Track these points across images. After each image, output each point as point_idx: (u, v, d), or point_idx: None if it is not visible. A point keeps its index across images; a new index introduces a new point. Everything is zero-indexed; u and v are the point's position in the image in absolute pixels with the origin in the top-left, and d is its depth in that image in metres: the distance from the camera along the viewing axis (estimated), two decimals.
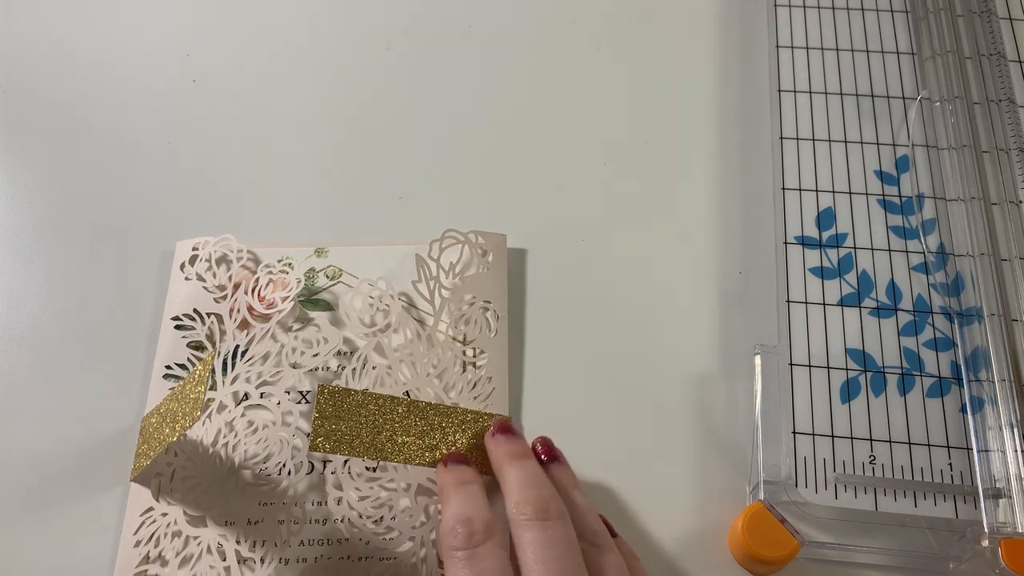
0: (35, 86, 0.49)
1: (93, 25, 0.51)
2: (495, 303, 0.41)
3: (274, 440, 0.38)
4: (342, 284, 0.42)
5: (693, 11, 0.51)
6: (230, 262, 0.42)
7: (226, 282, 0.41)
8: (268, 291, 0.41)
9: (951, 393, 0.38)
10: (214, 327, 0.40)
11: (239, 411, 0.38)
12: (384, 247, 0.43)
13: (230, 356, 0.40)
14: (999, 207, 0.41)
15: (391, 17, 0.51)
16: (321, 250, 0.42)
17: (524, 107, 0.48)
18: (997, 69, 0.45)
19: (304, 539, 0.36)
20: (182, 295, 0.41)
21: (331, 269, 0.42)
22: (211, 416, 0.38)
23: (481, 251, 0.42)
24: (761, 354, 0.39)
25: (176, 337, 0.40)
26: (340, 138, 0.47)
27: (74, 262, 0.44)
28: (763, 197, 0.44)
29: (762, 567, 0.35)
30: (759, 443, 0.37)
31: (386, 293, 0.41)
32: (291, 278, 0.41)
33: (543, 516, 0.31)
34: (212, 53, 0.50)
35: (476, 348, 0.40)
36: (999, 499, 0.35)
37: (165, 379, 0.39)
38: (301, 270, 0.42)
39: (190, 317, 0.41)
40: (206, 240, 0.43)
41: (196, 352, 0.40)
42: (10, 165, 0.47)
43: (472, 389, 0.39)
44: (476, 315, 0.41)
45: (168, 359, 0.40)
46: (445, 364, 0.39)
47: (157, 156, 0.47)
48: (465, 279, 0.41)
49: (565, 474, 0.34)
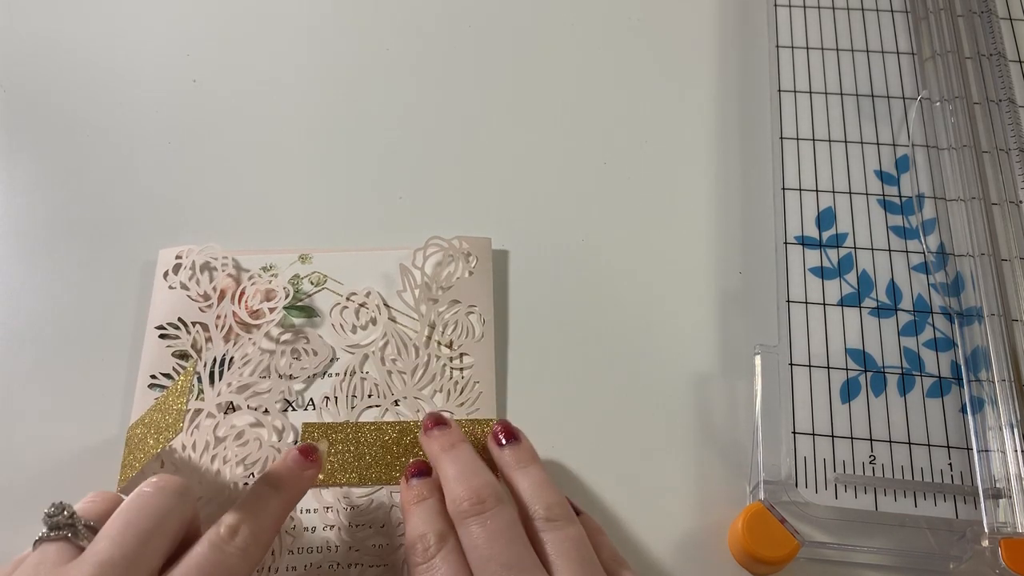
0: (35, 86, 0.49)
1: (93, 25, 0.51)
2: (480, 307, 0.41)
3: (264, 450, 0.37)
4: (327, 290, 0.42)
5: (693, 11, 0.51)
6: (214, 270, 0.42)
7: (210, 291, 0.41)
8: (254, 300, 0.41)
9: (951, 393, 0.38)
10: (199, 336, 0.40)
11: (226, 421, 0.38)
12: (369, 253, 0.42)
13: (216, 366, 0.39)
14: (999, 207, 0.41)
15: (390, 18, 0.51)
16: (305, 256, 0.42)
17: (523, 107, 0.48)
18: (997, 69, 0.45)
19: (295, 548, 0.36)
20: (166, 304, 0.41)
21: (315, 275, 0.42)
22: (198, 426, 0.38)
23: (466, 255, 0.42)
24: (761, 354, 0.39)
25: (160, 346, 0.40)
26: (328, 141, 0.47)
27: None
28: (763, 197, 0.44)
29: (762, 567, 0.35)
30: (759, 443, 0.37)
31: (371, 303, 0.41)
32: (277, 286, 0.41)
33: (480, 509, 0.31)
34: (212, 53, 0.50)
35: (462, 353, 0.40)
36: (999, 499, 0.35)
37: (150, 388, 0.39)
38: (286, 277, 0.42)
39: (174, 326, 0.40)
40: (189, 248, 0.42)
41: (181, 361, 0.40)
42: (10, 165, 0.47)
43: (460, 395, 0.39)
44: (461, 320, 0.41)
45: (153, 368, 0.40)
46: (433, 371, 0.39)
47: (147, 159, 0.46)
48: (450, 284, 0.41)
49: (518, 452, 0.35)
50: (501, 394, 0.39)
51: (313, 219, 0.44)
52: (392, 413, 0.39)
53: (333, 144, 0.47)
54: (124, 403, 0.39)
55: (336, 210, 0.45)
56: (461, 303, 0.41)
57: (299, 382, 0.39)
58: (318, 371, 0.40)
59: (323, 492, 0.37)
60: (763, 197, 0.44)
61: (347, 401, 0.39)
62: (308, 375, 0.39)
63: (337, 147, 0.47)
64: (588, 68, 0.49)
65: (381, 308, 0.41)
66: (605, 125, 0.47)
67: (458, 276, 0.42)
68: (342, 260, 0.42)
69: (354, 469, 0.37)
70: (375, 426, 0.38)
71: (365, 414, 0.39)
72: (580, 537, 0.32)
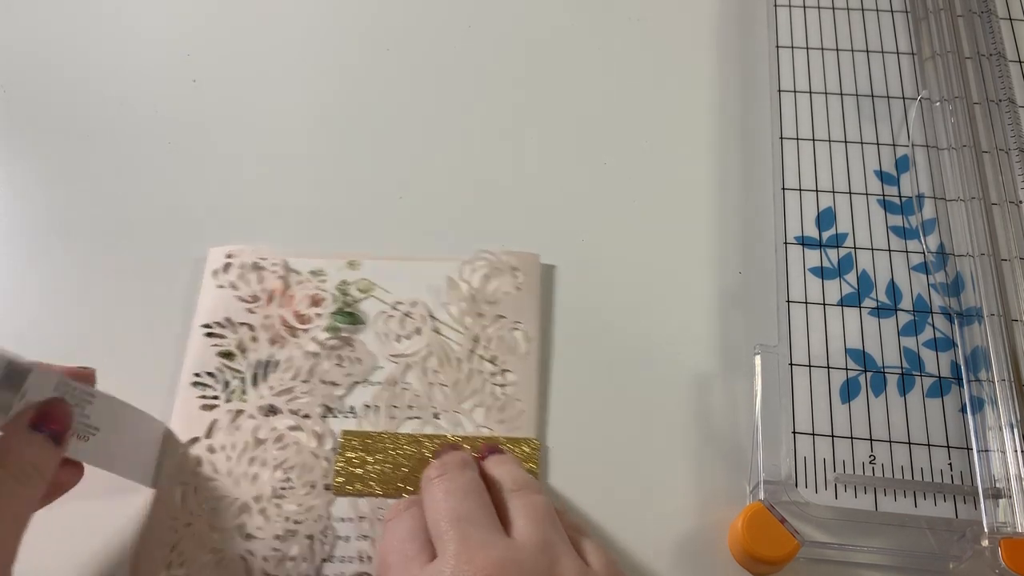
0: (37, 87, 0.49)
1: (96, 25, 0.51)
2: (526, 324, 0.40)
3: (302, 455, 0.37)
4: (373, 299, 0.41)
5: (693, 11, 0.51)
6: (264, 271, 0.41)
7: (259, 291, 0.41)
8: (301, 303, 0.41)
9: (951, 393, 0.38)
10: (245, 336, 0.40)
11: (267, 423, 0.38)
12: (416, 262, 0.42)
13: (260, 367, 0.39)
14: (999, 207, 0.41)
15: (393, 18, 0.51)
16: (354, 262, 0.42)
17: (522, 108, 0.48)
18: (997, 69, 0.45)
19: (334, 556, 0.35)
20: (213, 302, 0.41)
21: (363, 283, 0.41)
22: (239, 427, 0.38)
23: (512, 270, 0.41)
24: (761, 354, 0.39)
25: (206, 344, 0.40)
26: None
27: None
28: (763, 197, 0.44)
29: (762, 567, 0.35)
30: (759, 443, 0.37)
31: (417, 313, 0.40)
32: (325, 291, 0.41)
33: (442, 471, 0.33)
34: (214, 56, 0.50)
35: (505, 369, 0.39)
36: (999, 499, 0.35)
37: (193, 386, 0.39)
38: (333, 282, 0.41)
39: (221, 325, 0.40)
40: (240, 247, 0.42)
41: (225, 360, 0.39)
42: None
43: (501, 412, 0.38)
44: (506, 335, 0.40)
45: (197, 367, 0.39)
46: (475, 386, 0.39)
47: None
48: (496, 299, 0.41)
49: (499, 455, 0.36)
50: (542, 414, 0.39)
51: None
52: (432, 426, 0.38)
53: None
54: (167, 399, 0.39)
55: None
56: (506, 318, 0.40)
57: (341, 388, 0.39)
58: (361, 379, 0.39)
59: (359, 502, 0.37)
60: (763, 197, 0.44)
61: (387, 411, 0.39)
62: (351, 382, 0.39)
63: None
64: (587, 68, 0.49)
65: (426, 319, 0.40)
66: (604, 125, 0.47)
67: (504, 291, 0.41)
68: (390, 268, 0.42)
69: (391, 480, 0.37)
70: (413, 438, 0.38)
71: (405, 425, 0.38)
72: (544, 502, 0.32)
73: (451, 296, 0.41)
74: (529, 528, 0.31)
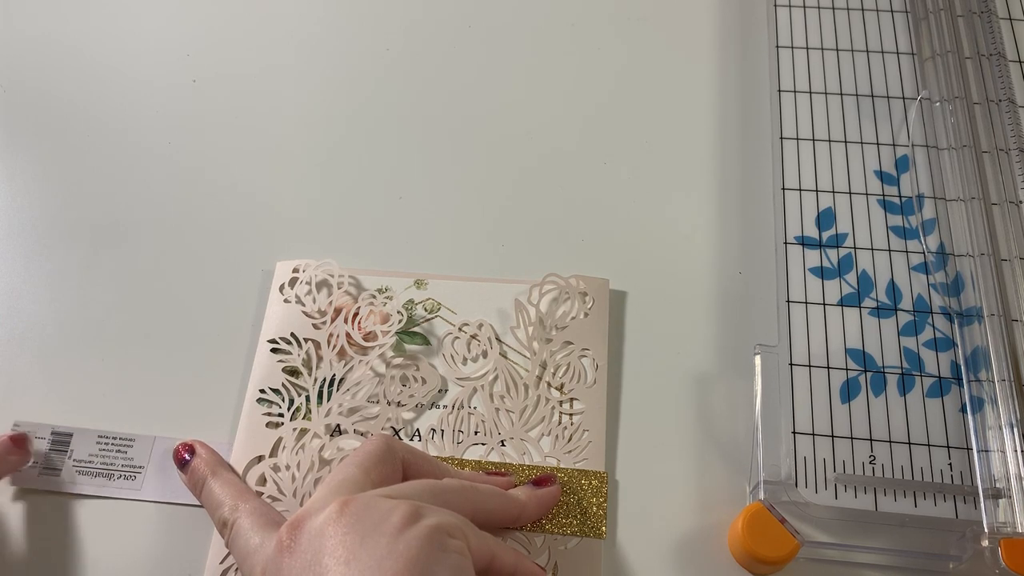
0: (40, 86, 0.49)
1: (100, 25, 0.51)
2: (594, 351, 0.40)
3: None
4: (440, 319, 0.41)
5: (693, 11, 0.51)
6: (331, 287, 0.41)
7: (326, 307, 0.40)
8: (368, 321, 0.40)
9: (951, 393, 0.38)
10: (311, 353, 0.39)
11: (332, 443, 0.38)
12: (483, 283, 0.42)
13: (326, 386, 0.39)
14: (999, 207, 0.41)
15: (394, 19, 0.51)
16: (421, 282, 0.41)
17: (521, 108, 0.48)
18: (997, 69, 0.45)
19: None
20: (279, 317, 0.40)
21: (430, 303, 0.41)
22: (303, 446, 0.37)
23: (582, 296, 0.41)
24: (761, 354, 0.39)
25: (272, 360, 0.39)
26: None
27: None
28: (763, 197, 0.44)
29: (762, 567, 0.35)
30: (759, 443, 0.37)
31: (483, 336, 0.40)
32: (391, 309, 0.40)
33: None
34: (216, 58, 0.50)
35: (572, 397, 0.39)
36: (999, 499, 0.35)
37: (259, 403, 0.39)
38: (400, 301, 0.41)
39: (287, 341, 0.40)
40: (307, 262, 0.41)
41: (291, 377, 0.39)
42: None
43: (568, 442, 0.38)
44: (574, 362, 0.39)
45: (263, 383, 0.39)
46: (542, 414, 0.38)
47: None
48: (564, 324, 0.40)
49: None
50: (611, 445, 0.38)
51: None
52: (497, 453, 0.38)
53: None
54: (233, 415, 0.39)
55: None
56: (575, 345, 0.40)
57: (407, 410, 0.38)
58: (426, 401, 0.39)
59: None
60: (763, 197, 0.44)
61: (453, 435, 0.38)
62: (416, 403, 0.39)
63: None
64: (587, 69, 0.49)
65: (493, 342, 0.40)
66: (604, 125, 0.47)
67: (573, 316, 0.40)
68: (457, 289, 0.41)
69: None
70: (479, 465, 0.37)
71: (470, 451, 0.38)
72: (454, 487, 0.32)
73: (519, 320, 0.40)
74: None
